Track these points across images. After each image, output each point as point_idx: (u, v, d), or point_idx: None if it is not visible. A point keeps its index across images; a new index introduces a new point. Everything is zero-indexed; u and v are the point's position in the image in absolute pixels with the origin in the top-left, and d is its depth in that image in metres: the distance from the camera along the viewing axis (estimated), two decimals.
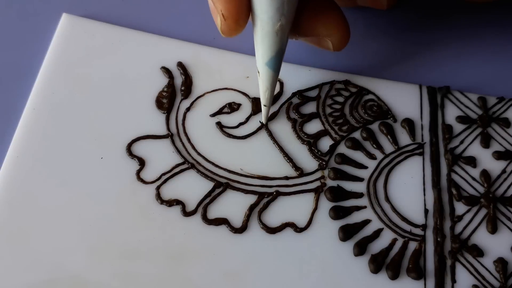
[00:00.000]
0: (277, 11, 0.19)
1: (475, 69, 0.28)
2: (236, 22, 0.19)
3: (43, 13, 0.27)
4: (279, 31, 0.20)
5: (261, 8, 0.19)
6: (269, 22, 0.19)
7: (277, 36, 0.20)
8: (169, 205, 0.22)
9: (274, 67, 0.21)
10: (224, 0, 0.19)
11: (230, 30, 0.20)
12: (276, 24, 0.19)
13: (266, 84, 0.22)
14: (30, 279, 0.20)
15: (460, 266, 0.22)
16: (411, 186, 0.24)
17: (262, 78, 0.22)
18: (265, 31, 0.20)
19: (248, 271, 0.21)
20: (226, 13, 0.19)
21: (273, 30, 0.20)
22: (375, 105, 0.26)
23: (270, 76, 0.22)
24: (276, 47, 0.20)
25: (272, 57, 0.21)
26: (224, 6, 0.19)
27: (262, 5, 0.19)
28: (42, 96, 0.24)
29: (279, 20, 0.19)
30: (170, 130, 0.24)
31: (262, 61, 0.21)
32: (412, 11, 0.29)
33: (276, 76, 0.22)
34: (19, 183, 0.22)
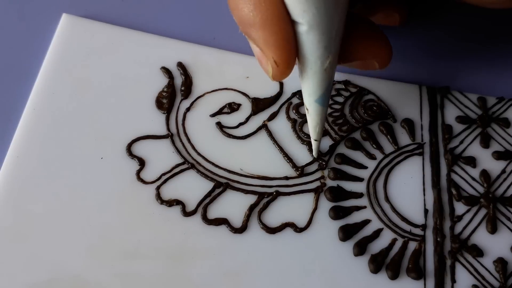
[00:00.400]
0: (326, 49, 0.18)
1: (474, 69, 0.28)
2: (288, 66, 0.19)
3: (43, 13, 0.27)
4: (328, 68, 0.19)
5: (309, 49, 0.18)
6: (318, 61, 0.19)
7: (326, 73, 0.19)
8: (169, 205, 0.22)
9: (324, 102, 0.21)
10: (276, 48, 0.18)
11: (282, 75, 0.19)
12: (325, 62, 0.19)
13: (316, 120, 0.21)
14: (30, 279, 0.20)
15: (460, 266, 0.22)
16: (411, 186, 0.24)
17: (311, 115, 0.21)
18: (313, 70, 0.19)
19: (248, 271, 0.22)
20: (279, 60, 0.18)
21: (322, 69, 0.19)
22: (375, 105, 0.26)
23: (320, 112, 0.21)
24: (325, 84, 0.20)
25: (322, 94, 0.20)
26: (276, 53, 0.18)
27: (309, 46, 0.18)
28: (42, 96, 0.24)
29: (327, 57, 0.19)
30: (170, 130, 0.24)
31: (311, 98, 0.20)
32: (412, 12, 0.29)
33: (326, 110, 0.21)
34: (19, 183, 0.22)
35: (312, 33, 0.18)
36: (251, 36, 0.19)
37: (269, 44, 0.18)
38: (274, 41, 0.18)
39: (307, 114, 0.21)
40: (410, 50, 0.28)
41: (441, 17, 0.29)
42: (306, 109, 0.21)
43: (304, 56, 0.19)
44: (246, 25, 0.18)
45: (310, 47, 0.18)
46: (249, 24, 0.18)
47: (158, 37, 0.26)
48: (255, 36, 0.18)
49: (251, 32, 0.18)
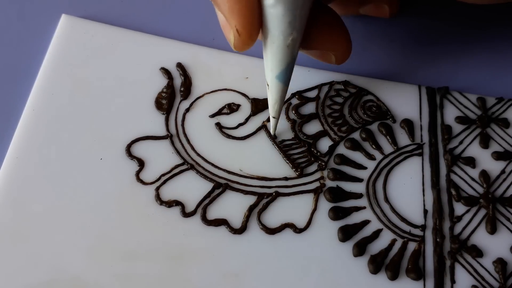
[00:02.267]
0: (289, 25, 0.19)
1: (474, 70, 0.28)
2: (250, 37, 0.19)
3: (42, 14, 0.27)
4: (290, 44, 0.19)
5: (273, 22, 0.19)
6: (280, 36, 0.19)
7: (288, 50, 0.20)
8: (169, 206, 0.22)
9: (284, 80, 0.21)
10: (238, 16, 0.19)
11: (243, 45, 0.19)
12: (288, 38, 0.19)
13: (275, 97, 0.22)
14: (29, 280, 0.20)
15: (459, 267, 0.22)
16: (410, 186, 0.24)
17: (271, 91, 0.22)
18: (276, 44, 0.19)
19: (247, 272, 0.21)
20: (241, 28, 0.19)
21: (285, 44, 0.19)
22: (374, 105, 0.26)
23: (280, 89, 0.21)
24: (286, 60, 0.20)
25: (283, 70, 0.20)
26: (239, 22, 0.19)
27: (273, 19, 0.19)
28: (42, 97, 0.24)
29: (290, 34, 0.19)
30: (169, 131, 0.24)
31: (272, 74, 0.21)
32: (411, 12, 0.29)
33: (286, 89, 0.22)
34: (18, 184, 0.22)
35: (277, 6, 0.18)
36: (216, 2, 0.19)
37: (233, 11, 0.19)
38: (238, 10, 0.18)
39: (267, 90, 0.22)
40: (409, 50, 0.28)
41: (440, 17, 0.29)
42: (267, 84, 0.22)
43: (268, 29, 0.19)
44: None
45: (274, 21, 0.19)
46: None
47: (157, 37, 0.26)
48: (220, 2, 0.19)
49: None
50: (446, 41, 0.28)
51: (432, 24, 0.29)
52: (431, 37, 0.28)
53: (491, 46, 0.28)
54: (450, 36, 0.28)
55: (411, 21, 0.29)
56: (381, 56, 0.27)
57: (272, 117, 0.23)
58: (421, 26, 0.28)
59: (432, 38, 0.28)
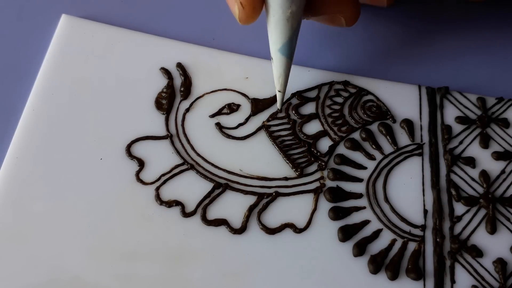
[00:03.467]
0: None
1: (474, 70, 0.28)
2: (253, 9, 0.20)
3: (42, 14, 0.27)
4: (290, 17, 0.20)
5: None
6: (279, 9, 0.20)
7: (288, 23, 0.20)
8: (169, 206, 0.22)
9: (287, 53, 0.22)
10: None
11: (247, 18, 0.21)
12: (287, 11, 0.20)
13: (279, 70, 0.22)
14: (29, 280, 0.20)
15: (459, 267, 0.22)
16: (411, 186, 0.24)
17: (275, 64, 0.22)
18: (276, 18, 0.20)
19: (247, 272, 0.21)
20: (244, 1, 0.20)
21: (284, 17, 0.20)
22: (374, 105, 0.26)
23: (283, 62, 0.22)
24: (288, 33, 0.21)
25: (284, 43, 0.21)
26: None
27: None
28: (42, 97, 0.24)
29: (289, 7, 0.20)
30: (169, 131, 0.24)
31: (275, 47, 0.22)
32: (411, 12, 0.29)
33: (290, 62, 0.22)
34: (18, 184, 0.22)
35: None
36: None
37: None
38: None
39: (272, 64, 0.23)
40: (409, 50, 0.28)
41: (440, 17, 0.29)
42: (271, 58, 0.22)
43: (268, 4, 0.20)
44: None
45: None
46: None
47: (157, 37, 0.26)
48: None
49: None
50: (446, 41, 0.28)
51: (432, 24, 0.29)
52: (431, 37, 0.28)
53: (491, 46, 0.28)
54: (450, 36, 0.28)
55: (411, 21, 0.29)
56: (381, 56, 0.27)
57: (278, 90, 0.24)
58: (421, 26, 0.28)
59: (432, 38, 0.28)
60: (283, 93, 0.24)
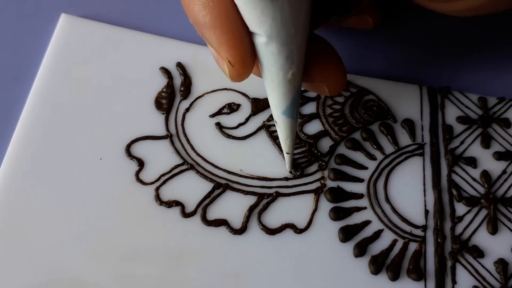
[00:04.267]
0: (287, 60, 0.18)
1: (475, 70, 0.27)
2: (244, 66, 0.18)
3: (41, 14, 0.27)
4: (291, 79, 0.19)
5: (269, 60, 0.18)
6: (280, 72, 0.18)
7: (289, 85, 0.19)
8: (169, 206, 0.22)
9: (292, 114, 0.20)
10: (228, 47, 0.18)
11: (239, 75, 0.19)
12: (288, 73, 0.18)
13: (285, 132, 0.21)
14: (29, 280, 0.20)
15: (460, 267, 0.22)
16: (411, 186, 0.24)
17: (280, 127, 0.21)
18: (276, 82, 0.19)
19: (247, 272, 0.21)
20: (233, 59, 0.18)
21: (285, 80, 0.19)
22: (375, 105, 0.26)
23: (289, 125, 0.21)
24: (290, 95, 0.19)
25: (288, 106, 0.20)
26: (229, 53, 0.18)
27: (269, 57, 0.18)
28: (41, 97, 0.24)
29: (290, 69, 0.18)
30: (169, 131, 0.24)
31: (278, 111, 0.20)
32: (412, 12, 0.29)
33: (295, 123, 0.21)
34: (18, 184, 0.22)
35: (271, 44, 0.17)
36: (205, 37, 0.18)
37: (221, 43, 0.18)
38: (226, 40, 0.18)
39: (276, 127, 0.21)
40: (410, 50, 0.28)
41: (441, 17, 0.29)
42: (275, 121, 0.21)
43: (266, 68, 0.18)
44: (198, 25, 0.18)
45: (271, 58, 0.18)
46: (201, 25, 0.18)
47: (157, 37, 0.26)
48: (208, 36, 0.18)
49: (204, 32, 0.18)
50: (447, 41, 0.28)
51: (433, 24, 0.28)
52: (432, 37, 0.28)
53: (492, 46, 0.28)
54: (451, 36, 0.28)
55: (412, 21, 0.28)
56: (382, 56, 0.27)
57: (286, 153, 0.22)
58: (422, 26, 0.28)
59: (433, 38, 0.28)
60: (292, 155, 0.23)
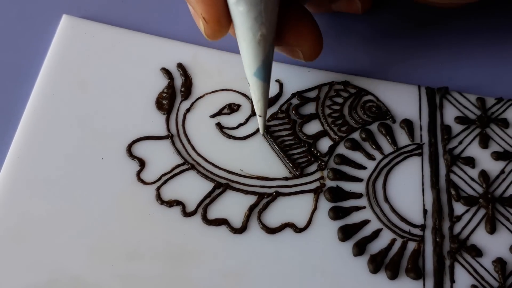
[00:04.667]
0: (255, 21, 0.19)
1: (473, 70, 0.28)
2: (218, 23, 0.19)
3: (43, 15, 0.27)
4: (261, 40, 0.19)
5: (239, 19, 0.19)
6: (249, 32, 0.19)
7: (260, 46, 0.19)
8: (169, 206, 0.23)
9: (262, 76, 0.21)
10: (203, 3, 0.19)
11: (214, 32, 0.20)
12: (257, 34, 0.19)
13: (257, 94, 0.22)
14: (30, 280, 0.21)
15: (459, 266, 0.22)
16: (410, 186, 0.24)
17: (252, 89, 0.21)
18: (247, 42, 0.19)
19: (248, 272, 0.22)
20: (207, 16, 0.19)
21: (255, 41, 0.19)
22: (374, 106, 0.26)
23: (259, 86, 0.21)
24: (261, 57, 0.20)
25: (259, 67, 0.20)
26: (204, 9, 0.19)
27: (239, 17, 0.19)
28: (43, 97, 0.24)
29: (259, 29, 0.19)
30: (170, 131, 0.24)
31: (250, 71, 0.21)
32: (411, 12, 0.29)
33: (267, 86, 0.21)
34: (19, 184, 0.22)
35: (240, 3, 0.18)
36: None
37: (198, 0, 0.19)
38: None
39: (250, 89, 0.22)
40: (409, 50, 0.28)
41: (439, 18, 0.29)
42: (248, 83, 0.21)
43: (237, 27, 0.19)
44: None
45: (241, 18, 0.19)
46: None
47: (158, 38, 0.26)
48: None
49: None
50: (446, 41, 0.28)
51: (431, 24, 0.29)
52: (430, 37, 0.28)
53: (491, 47, 0.28)
54: (449, 36, 0.28)
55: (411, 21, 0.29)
56: (381, 56, 0.28)
57: (258, 115, 0.23)
58: (421, 26, 0.29)
59: (432, 39, 0.28)
60: (264, 118, 0.23)
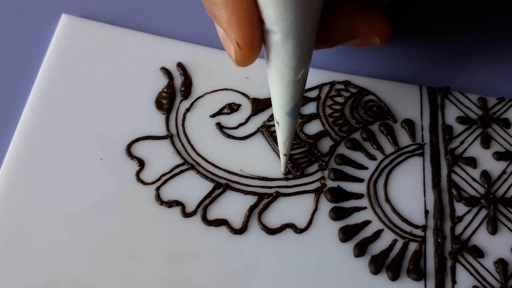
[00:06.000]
0: (300, 60, 0.18)
1: (475, 70, 0.28)
2: (251, 50, 0.18)
3: (42, 14, 0.27)
4: (301, 79, 0.18)
5: (282, 58, 0.18)
6: (291, 72, 0.18)
7: (298, 84, 0.18)
8: (169, 206, 0.22)
9: (295, 115, 0.20)
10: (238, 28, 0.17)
11: (245, 59, 0.18)
12: (299, 73, 0.18)
13: (286, 134, 0.21)
14: (30, 280, 0.20)
15: (460, 267, 0.22)
16: (411, 187, 0.24)
17: (282, 128, 0.20)
18: (286, 81, 0.18)
19: (248, 272, 0.21)
20: (241, 41, 0.18)
21: (295, 80, 0.18)
22: (375, 105, 0.26)
23: (291, 125, 0.20)
24: (298, 95, 0.19)
25: (293, 106, 0.19)
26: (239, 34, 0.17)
27: (282, 55, 0.18)
28: (42, 97, 0.24)
29: (301, 69, 0.18)
30: (170, 131, 0.24)
31: (283, 111, 0.20)
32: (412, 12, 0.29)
33: (296, 123, 0.21)
34: (18, 184, 0.22)
35: (286, 43, 0.17)
36: (215, 16, 0.18)
37: (232, 24, 0.17)
38: (236, 21, 0.17)
39: (276, 128, 0.21)
40: (410, 50, 0.28)
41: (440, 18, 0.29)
42: (277, 122, 0.20)
43: (277, 67, 0.18)
44: (209, 3, 0.18)
45: (284, 58, 0.18)
46: (213, 3, 0.18)
47: (157, 37, 0.26)
48: (218, 15, 0.18)
49: (214, 11, 0.18)
50: (447, 41, 0.28)
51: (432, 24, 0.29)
52: (432, 37, 0.28)
53: (492, 46, 0.28)
54: (451, 36, 0.28)
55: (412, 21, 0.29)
56: (382, 56, 0.27)
57: (284, 155, 0.22)
58: (422, 26, 0.28)
59: (433, 38, 0.28)
60: (288, 156, 0.22)
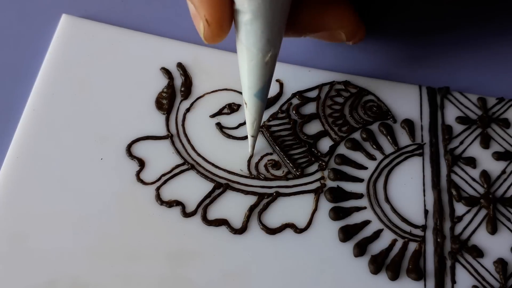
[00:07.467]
0: (268, 42, 0.18)
1: (474, 70, 0.28)
2: (220, 27, 0.18)
3: (42, 14, 0.27)
4: (269, 61, 0.19)
5: (250, 39, 0.18)
6: (259, 54, 0.18)
7: (266, 66, 0.19)
8: (169, 206, 0.22)
9: (263, 97, 0.20)
10: (208, 5, 0.18)
11: (214, 36, 0.19)
12: (266, 55, 0.18)
13: (254, 115, 0.21)
14: (29, 280, 0.20)
15: (460, 267, 0.22)
16: (411, 186, 0.24)
17: (250, 109, 0.21)
18: (254, 62, 0.19)
19: (248, 272, 0.21)
20: (210, 18, 0.18)
21: (263, 61, 0.19)
22: (375, 105, 0.26)
23: (258, 107, 0.21)
24: (265, 77, 0.20)
25: (261, 88, 0.20)
26: (208, 11, 0.18)
27: (251, 36, 0.18)
28: (42, 97, 0.24)
29: (269, 50, 0.18)
30: (170, 131, 0.24)
31: (251, 92, 0.20)
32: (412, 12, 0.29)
33: (264, 105, 0.21)
34: (19, 184, 0.22)
35: (255, 23, 0.17)
36: None
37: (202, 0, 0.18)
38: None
39: (245, 109, 0.21)
40: (410, 50, 0.28)
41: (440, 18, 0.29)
42: (245, 103, 0.21)
43: (246, 47, 0.18)
44: None
45: (253, 38, 0.18)
46: None
47: (158, 37, 0.26)
48: None
49: None
50: (447, 41, 0.28)
51: (432, 24, 0.29)
52: (431, 37, 0.28)
53: (492, 46, 0.28)
54: (450, 36, 0.28)
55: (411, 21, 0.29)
56: (381, 56, 0.27)
57: (251, 136, 0.22)
58: (422, 26, 0.28)
59: (433, 38, 0.28)
60: (256, 138, 0.23)
